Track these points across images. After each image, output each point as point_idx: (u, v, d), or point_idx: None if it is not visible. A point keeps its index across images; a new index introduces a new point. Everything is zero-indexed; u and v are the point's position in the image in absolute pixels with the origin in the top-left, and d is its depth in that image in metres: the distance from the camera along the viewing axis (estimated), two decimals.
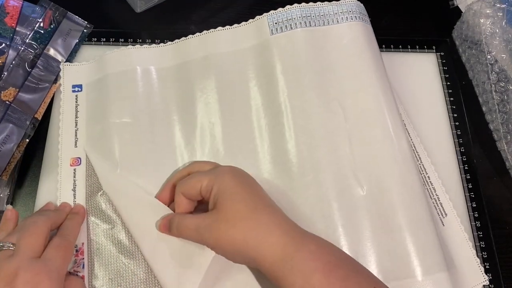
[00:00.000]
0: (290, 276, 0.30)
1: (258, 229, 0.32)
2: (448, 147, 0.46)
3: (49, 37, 0.46)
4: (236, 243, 0.32)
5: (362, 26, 0.44)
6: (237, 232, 0.32)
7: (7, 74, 0.43)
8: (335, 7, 0.45)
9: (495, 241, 0.42)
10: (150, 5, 0.51)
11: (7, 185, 0.41)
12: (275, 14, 0.44)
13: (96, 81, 0.45)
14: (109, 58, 0.45)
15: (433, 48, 0.51)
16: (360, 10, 0.45)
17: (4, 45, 0.44)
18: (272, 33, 0.43)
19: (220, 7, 0.53)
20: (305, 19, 0.43)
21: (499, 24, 0.46)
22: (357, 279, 0.31)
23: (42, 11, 0.47)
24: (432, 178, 0.44)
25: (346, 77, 0.42)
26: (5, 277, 0.31)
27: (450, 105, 0.48)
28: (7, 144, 0.41)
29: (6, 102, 0.42)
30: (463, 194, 0.44)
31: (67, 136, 0.43)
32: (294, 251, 0.31)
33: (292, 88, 0.41)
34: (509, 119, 0.45)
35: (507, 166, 0.46)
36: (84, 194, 0.41)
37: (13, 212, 0.38)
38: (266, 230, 0.32)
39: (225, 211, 0.33)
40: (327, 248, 0.33)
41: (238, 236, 0.32)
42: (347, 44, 0.43)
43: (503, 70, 0.45)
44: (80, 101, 0.44)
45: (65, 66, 0.46)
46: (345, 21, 0.44)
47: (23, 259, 0.32)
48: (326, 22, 0.44)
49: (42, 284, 0.31)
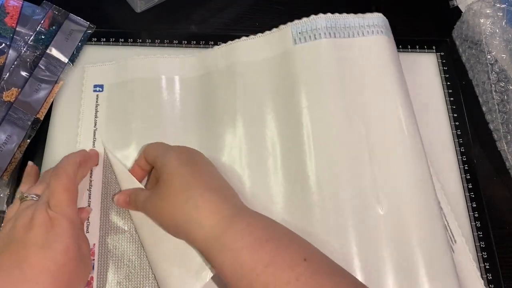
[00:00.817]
0: (220, 255, 0.31)
1: (187, 205, 0.33)
2: (448, 147, 0.46)
3: (51, 38, 0.46)
4: (167, 218, 0.34)
5: (386, 41, 0.43)
6: (167, 207, 0.33)
7: (9, 74, 0.44)
8: (360, 20, 0.44)
9: (495, 241, 0.42)
10: (150, 5, 0.51)
11: (7, 185, 0.41)
12: (299, 23, 0.43)
13: (118, 84, 0.45)
14: (134, 64, 0.45)
15: (433, 48, 0.51)
16: (385, 24, 0.44)
17: (4, 45, 0.44)
18: (295, 43, 0.42)
19: (220, 7, 0.53)
20: (330, 30, 0.42)
21: (499, 24, 0.46)
22: (288, 251, 0.30)
23: (43, 11, 0.47)
24: (442, 203, 0.43)
25: (369, 92, 0.41)
26: (24, 220, 0.33)
27: (450, 105, 0.48)
28: (8, 145, 0.41)
29: (8, 103, 0.42)
30: (463, 194, 0.44)
31: (85, 136, 0.43)
32: (224, 229, 0.31)
33: (313, 100, 0.40)
34: (509, 119, 0.45)
35: (507, 166, 0.46)
36: (100, 195, 0.41)
37: (33, 167, 0.40)
38: (196, 207, 0.32)
39: (162, 185, 0.35)
40: (260, 224, 0.32)
41: (168, 211, 0.33)
42: (371, 58, 0.42)
43: (503, 70, 0.45)
44: (100, 101, 0.45)
45: (88, 67, 0.46)
46: (370, 35, 0.43)
47: (38, 206, 0.34)
48: (351, 34, 0.43)
49: (55, 227, 0.33)
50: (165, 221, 0.34)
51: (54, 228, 0.33)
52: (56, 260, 0.32)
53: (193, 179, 0.34)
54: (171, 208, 0.33)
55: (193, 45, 0.49)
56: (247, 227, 0.31)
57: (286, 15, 0.53)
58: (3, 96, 0.43)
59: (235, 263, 0.30)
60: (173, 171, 0.35)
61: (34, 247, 0.32)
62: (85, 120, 0.44)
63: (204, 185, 0.34)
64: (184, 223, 0.33)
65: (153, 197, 0.35)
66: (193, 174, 0.35)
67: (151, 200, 0.35)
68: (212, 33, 0.51)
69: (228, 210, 0.33)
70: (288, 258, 0.30)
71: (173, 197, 0.34)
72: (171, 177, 0.35)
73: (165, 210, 0.34)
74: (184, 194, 0.33)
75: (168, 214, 0.34)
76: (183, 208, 0.33)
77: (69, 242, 0.33)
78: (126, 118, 0.43)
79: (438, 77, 0.50)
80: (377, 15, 0.45)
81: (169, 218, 0.34)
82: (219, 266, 0.31)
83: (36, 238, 0.32)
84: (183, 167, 0.35)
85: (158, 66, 0.46)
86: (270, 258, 0.29)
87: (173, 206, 0.33)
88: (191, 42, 0.49)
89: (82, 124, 0.44)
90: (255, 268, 0.29)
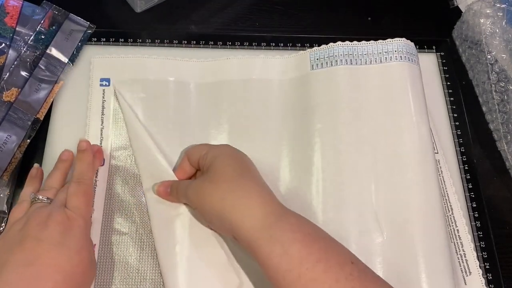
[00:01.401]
0: (268, 245, 0.30)
1: (238, 192, 0.33)
2: (448, 147, 0.46)
3: (51, 38, 0.46)
4: (214, 203, 0.33)
5: (406, 66, 0.43)
6: (217, 192, 0.33)
7: (9, 74, 0.44)
8: (379, 46, 0.44)
9: (495, 241, 0.42)
10: (150, 5, 0.51)
11: (7, 185, 0.41)
12: (317, 50, 0.45)
13: (127, 81, 0.45)
14: (146, 63, 0.45)
15: (433, 48, 0.51)
16: (407, 49, 0.44)
17: (4, 45, 0.44)
18: (312, 68, 0.44)
19: (220, 7, 0.53)
20: (347, 57, 0.43)
21: (499, 24, 0.46)
22: (336, 252, 0.31)
23: (43, 11, 0.47)
24: (461, 232, 0.42)
25: (381, 119, 0.41)
26: (39, 218, 0.33)
27: (450, 105, 0.48)
28: (8, 145, 0.41)
29: (8, 103, 0.42)
30: (463, 194, 0.44)
31: (93, 134, 0.43)
32: (274, 221, 0.31)
33: (325, 123, 0.41)
34: (509, 119, 0.45)
35: (507, 166, 0.46)
36: (104, 195, 0.41)
37: (39, 170, 0.40)
38: (247, 195, 0.33)
39: (213, 173, 0.35)
40: (307, 222, 0.33)
41: (217, 196, 0.33)
42: (386, 84, 0.42)
43: (503, 70, 0.45)
44: (107, 96, 0.45)
45: (95, 59, 0.46)
46: (388, 61, 0.43)
47: (53, 207, 0.35)
48: (368, 61, 0.43)
49: (72, 227, 0.34)
50: (211, 207, 0.34)
51: (72, 228, 0.33)
52: (71, 260, 0.32)
53: (245, 171, 0.35)
54: (220, 192, 0.33)
55: (193, 45, 0.49)
56: (296, 222, 0.32)
57: (286, 15, 0.53)
58: (3, 96, 0.43)
59: (284, 255, 0.30)
60: (226, 160, 0.35)
61: (49, 245, 0.32)
62: (92, 117, 0.44)
63: (255, 179, 0.35)
64: (231, 208, 0.32)
65: (200, 183, 0.35)
66: (244, 168, 0.35)
67: (197, 186, 0.35)
68: (212, 33, 0.51)
69: (277, 205, 0.33)
70: (337, 257, 0.30)
71: (224, 183, 0.34)
72: (224, 164, 0.35)
73: (214, 195, 0.33)
74: (237, 181, 0.34)
75: (216, 199, 0.33)
76: (234, 194, 0.33)
77: (83, 243, 0.34)
78: (135, 117, 0.43)
79: (438, 77, 0.50)
80: (399, 40, 0.44)
81: (216, 203, 0.33)
82: (265, 257, 0.30)
83: (52, 236, 0.32)
84: (236, 159, 0.36)
85: (171, 69, 0.46)
86: (321, 255, 0.30)
87: (222, 191, 0.33)
88: (191, 42, 0.49)
89: (89, 122, 0.44)
90: (306, 263, 0.29)
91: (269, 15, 0.53)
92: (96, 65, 0.46)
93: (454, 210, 0.42)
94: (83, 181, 0.37)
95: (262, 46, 0.50)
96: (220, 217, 0.33)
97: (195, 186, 0.35)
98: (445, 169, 0.44)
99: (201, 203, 0.35)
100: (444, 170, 0.44)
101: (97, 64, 0.46)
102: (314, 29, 0.52)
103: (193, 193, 0.35)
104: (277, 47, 0.50)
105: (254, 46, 0.50)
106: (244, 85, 0.45)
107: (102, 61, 0.46)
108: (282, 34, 0.51)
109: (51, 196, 0.37)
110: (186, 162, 0.39)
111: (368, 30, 0.53)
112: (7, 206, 0.40)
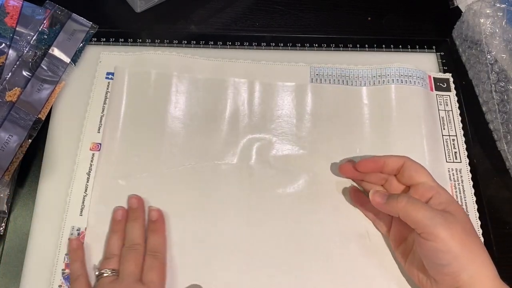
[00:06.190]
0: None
1: (474, 247, 0.33)
2: None
3: (53, 38, 0.47)
4: (451, 246, 0.32)
5: (405, 89, 0.46)
6: (457, 230, 0.33)
7: (11, 74, 0.44)
8: (373, 71, 0.48)
9: (495, 241, 0.42)
10: (150, 5, 0.51)
11: (7, 185, 0.41)
12: (318, 67, 0.48)
13: (128, 74, 0.46)
14: (147, 58, 0.47)
15: (433, 48, 0.51)
16: (399, 72, 0.47)
17: (4, 45, 0.45)
18: (311, 81, 0.47)
19: (220, 7, 0.53)
20: (343, 78, 0.48)
21: (499, 24, 0.46)
22: None
23: (44, 12, 0.47)
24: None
25: (369, 134, 0.45)
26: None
27: None
28: (10, 144, 0.41)
29: (10, 102, 0.43)
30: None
31: (92, 120, 0.44)
32: (499, 285, 0.32)
33: (318, 133, 0.45)
34: (509, 119, 0.45)
35: (507, 166, 0.46)
36: (98, 180, 0.42)
37: (78, 242, 0.39)
38: (483, 253, 0.33)
39: (453, 216, 0.34)
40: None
41: (458, 235, 0.33)
42: (373, 105, 0.46)
43: (503, 70, 0.45)
44: (111, 88, 0.46)
45: (104, 55, 0.48)
46: (379, 84, 0.47)
47: (128, 283, 0.35)
48: (360, 83, 0.47)
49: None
50: (443, 245, 0.32)
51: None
52: None
53: (476, 234, 0.35)
54: (462, 235, 0.33)
55: (193, 45, 0.49)
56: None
57: (286, 15, 0.53)
58: (5, 96, 0.43)
59: None
60: (464, 213, 0.35)
61: None
62: (94, 106, 0.45)
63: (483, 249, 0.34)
64: (468, 261, 0.32)
65: (452, 221, 0.34)
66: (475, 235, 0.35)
67: (448, 221, 0.33)
68: (212, 33, 0.51)
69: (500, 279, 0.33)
70: None
71: (463, 234, 0.33)
72: (463, 216, 0.34)
73: (454, 230, 0.33)
74: (471, 237, 0.33)
75: (457, 237, 0.32)
76: (470, 246, 0.33)
77: None
78: (135, 108, 0.45)
79: None
80: (393, 65, 0.48)
81: (454, 246, 0.32)
82: None
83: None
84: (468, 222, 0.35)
85: (174, 63, 0.47)
86: None
87: (461, 236, 0.33)
88: (191, 42, 0.50)
89: (90, 109, 0.45)
90: None
91: (269, 15, 0.53)
92: (104, 60, 0.48)
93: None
94: (159, 254, 0.37)
95: (262, 46, 0.50)
96: (449, 274, 0.33)
97: (444, 219, 0.33)
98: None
99: (445, 241, 0.33)
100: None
101: (105, 59, 0.48)
102: (314, 29, 0.52)
103: (441, 227, 0.33)
104: (277, 47, 0.50)
105: (254, 46, 0.50)
106: (248, 85, 0.47)
107: (110, 57, 0.48)
108: (282, 34, 0.51)
109: (116, 267, 0.36)
110: (391, 164, 0.38)
111: (368, 30, 0.53)
112: (7, 206, 0.40)
